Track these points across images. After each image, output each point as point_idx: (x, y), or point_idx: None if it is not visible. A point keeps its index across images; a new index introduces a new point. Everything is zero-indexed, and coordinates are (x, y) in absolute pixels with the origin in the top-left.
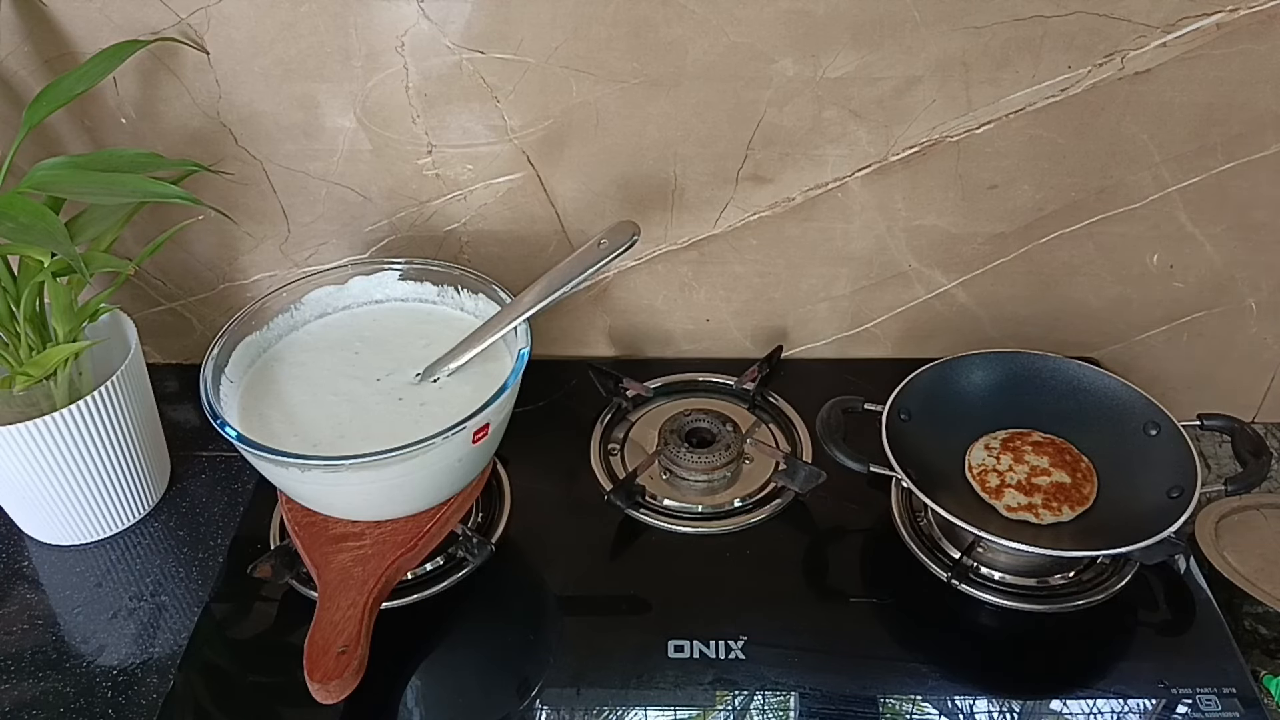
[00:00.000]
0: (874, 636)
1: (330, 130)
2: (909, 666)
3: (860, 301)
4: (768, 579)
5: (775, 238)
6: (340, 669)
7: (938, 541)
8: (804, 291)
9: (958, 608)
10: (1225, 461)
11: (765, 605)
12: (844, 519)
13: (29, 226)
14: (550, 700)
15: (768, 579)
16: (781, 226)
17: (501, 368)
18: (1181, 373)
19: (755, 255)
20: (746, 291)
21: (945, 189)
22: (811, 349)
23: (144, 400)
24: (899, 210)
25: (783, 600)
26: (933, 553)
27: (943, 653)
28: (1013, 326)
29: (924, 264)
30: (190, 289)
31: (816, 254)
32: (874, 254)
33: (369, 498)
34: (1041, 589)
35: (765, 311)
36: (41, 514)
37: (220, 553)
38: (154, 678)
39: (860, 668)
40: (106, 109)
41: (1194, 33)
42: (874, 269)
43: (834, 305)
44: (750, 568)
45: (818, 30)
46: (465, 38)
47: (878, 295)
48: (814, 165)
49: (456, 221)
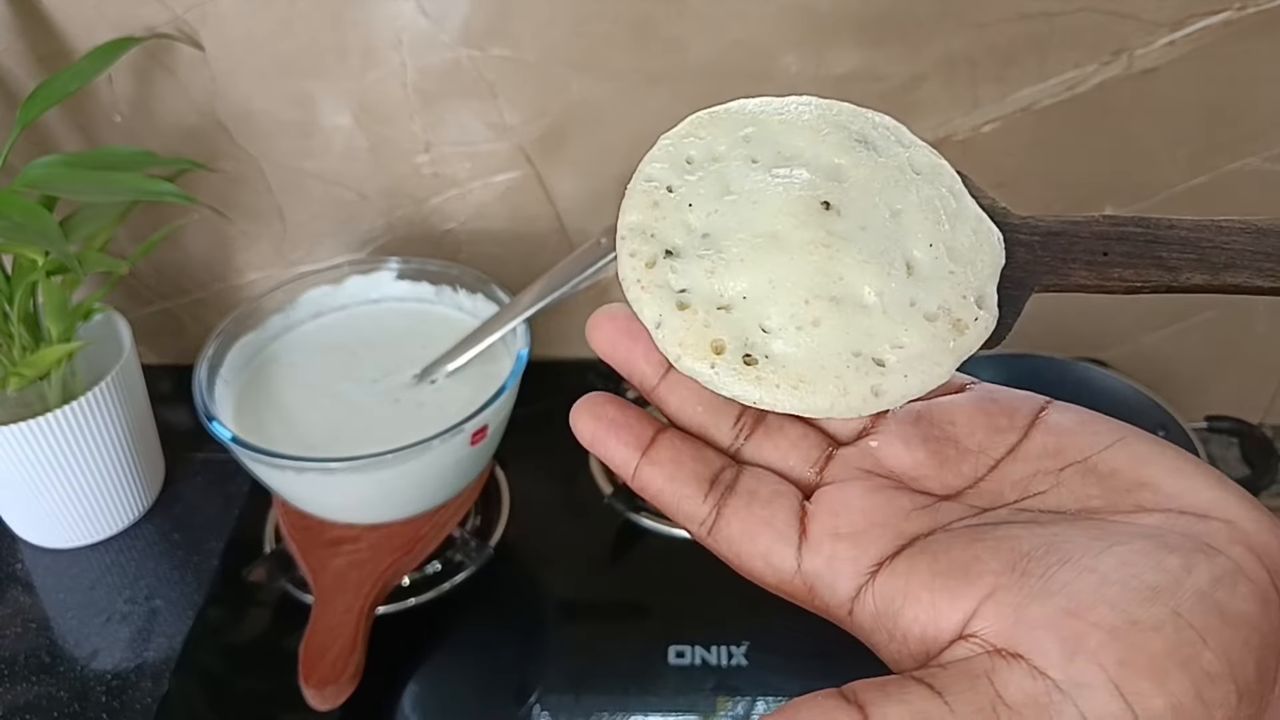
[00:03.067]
0: None
1: (327, 128)
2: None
3: None
4: None
5: None
6: (336, 674)
7: None
8: None
9: None
10: (1234, 464)
11: (768, 611)
12: None
13: (23, 225)
14: (549, 706)
15: None
16: None
17: (500, 369)
18: (1189, 374)
19: None
20: None
21: None
22: None
23: (138, 401)
24: None
25: (786, 606)
26: None
27: None
28: (1019, 327)
29: None
30: (185, 288)
31: None
32: None
33: (365, 500)
34: None
35: None
36: (35, 516)
37: (215, 556)
38: (148, 682)
39: (864, 674)
40: (101, 107)
41: (1202, 30)
42: None
43: None
44: None
45: (821, 27)
46: (464, 34)
47: None
48: None
49: (454, 220)
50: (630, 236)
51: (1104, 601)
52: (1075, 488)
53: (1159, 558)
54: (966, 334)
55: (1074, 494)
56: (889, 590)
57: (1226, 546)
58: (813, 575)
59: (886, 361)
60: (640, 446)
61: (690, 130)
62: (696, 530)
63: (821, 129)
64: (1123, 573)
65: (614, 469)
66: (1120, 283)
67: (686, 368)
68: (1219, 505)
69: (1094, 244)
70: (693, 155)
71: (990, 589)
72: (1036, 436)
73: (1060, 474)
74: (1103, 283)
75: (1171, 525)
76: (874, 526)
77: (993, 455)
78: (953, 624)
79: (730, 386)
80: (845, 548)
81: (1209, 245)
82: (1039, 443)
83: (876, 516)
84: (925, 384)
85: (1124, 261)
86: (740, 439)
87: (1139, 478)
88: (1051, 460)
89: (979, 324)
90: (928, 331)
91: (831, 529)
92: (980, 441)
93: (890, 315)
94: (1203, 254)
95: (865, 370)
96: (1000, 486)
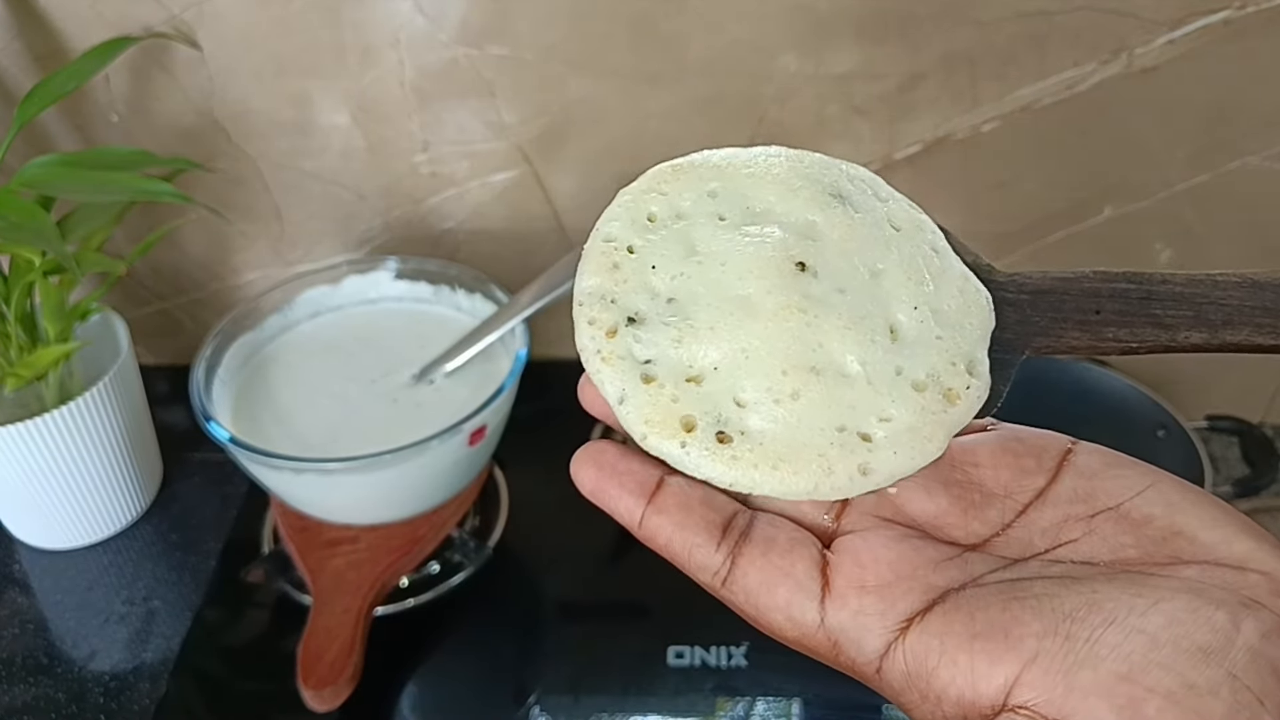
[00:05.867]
0: None
1: (324, 127)
2: None
3: None
4: None
5: None
6: (335, 675)
7: None
8: None
9: None
10: (1234, 464)
11: None
12: None
13: (20, 225)
14: (548, 707)
15: None
16: None
17: (499, 369)
18: (1189, 374)
19: None
20: None
21: (950, 187)
22: None
23: (136, 402)
24: None
25: None
26: None
27: None
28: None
29: None
30: (182, 288)
31: None
32: None
33: (363, 501)
34: None
35: None
36: (32, 517)
37: (213, 557)
38: (146, 683)
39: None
40: (98, 106)
41: (1202, 29)
42: None
43: None
44: None
45: (821, 25)
46: (461, 33)
47: None
48: None
49: (452, 220)
50: (589, 303)
51: (1157, 665)
52: (1109, 536)
53: (1206, 614)
54: (958, 405)
55: (1107, 543)
56: (922, 649)
57: (1268, 599)
58: (838, 630)
59: (874, 436)
60: (645, 494)
61: (651, 185)
62: (709, 581)
63: (793, 182)
64: (1172, 632)
65: (618, 519)
66: (1115, 343)
67: (653, 447)
68: (1255, 557)
69: (1085, 301)
70: (654, 212)
71: (1033, 653)
72: (1065, 480)
73: (1092, 521)
74: (1096, 343)
75: (1210, 578)
76: (901, 579)
77: (1019, 500)
78: (993, 688)
79: (703, 468)
80: (872, 601)
81: (1204, 301)
82: (1068, 486)
83: (903, 568)
84: (916, 461)
85: (1118, 320)
86: None
87: (1173, 526)
88: (1083, 506)
89: (971, 393)
90: (916, 403)
91: (857, 581)
92: (1006, 485)
93: (875, 386)
94: (1199, 310)
95: (851, 447)
96: (1029, 534)
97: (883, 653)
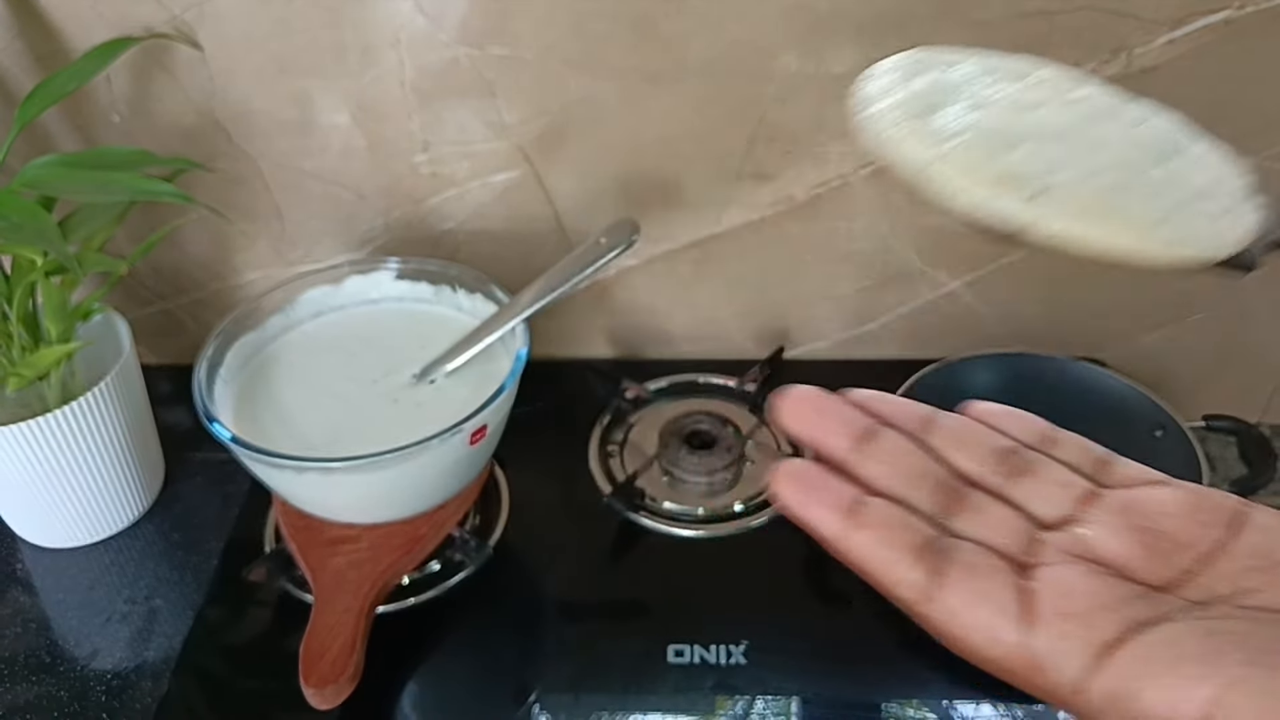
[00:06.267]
0: (877, 641)
1: (325, 127)
2: (913, 672)
3: (863, 301)
4: (770, 583)
5: (777, 236)
6: (336, 674)
7: None
8: (806, 291)
9: None
10: (1232, 464)
11: (767, 609)
12: None
13: (21, 225)
14: (548, 705)
15: (770, 583)
16: (783, 225)
17: (499, 368)
18: (1187, 374)
19: (757, 254)
20: (748, 291)
21: None
22: (814, 350)
23: (138, 402)
24: (903, 208)
25: (785, 604)
26: None
27: (947, 657)
28: (1017, 327)
29: (928, 263)
30: (184, 289)
31: (819, 253)
32: (877, 253)
33: (364, 500)
34: None
35: (767, 311)
36: (34, 516)
37: (214, 556)
38: (148, 682)
39: (863, 673)
40: (99, 106)
41: (1202, 29)
42: (877, 268)
43: (837, 305)
44: (752, 571)
45: (821, 25)
46: (462, 33)
47: (881, 295)
48: (817, 162)
49: (453, 220)
50: (885, 77)
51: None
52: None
53: None
54: (1251, 217)
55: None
56: (1127, 672)
57: None
58: (1042, 653)
59: (1187, 211)
60: (843, 510)
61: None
62: (909, 595)
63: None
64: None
65: (818, 535)
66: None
67: (968, 203)
68: None
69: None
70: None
71: (1236, 678)
72: (1247, 535)
73: (1273, 573)
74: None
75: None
76: (1101, 609)
77: (1200, 549)
78: (1193, 707)
79: (1020, 215)
80: (1075, 627)
81: None
82: (1250, 542)
83: (1103, 598)
84: (1227, 241)
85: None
86: (940, 512)
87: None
88: (1263, 560)
89: (1250, 220)
90: (1223, 198)
91: (1061, 608)
92: (1191, 535)
93: (1193, 169)
94: None
95: (1168, 212)
96: (1213, 581)
97: (1084, 675)
